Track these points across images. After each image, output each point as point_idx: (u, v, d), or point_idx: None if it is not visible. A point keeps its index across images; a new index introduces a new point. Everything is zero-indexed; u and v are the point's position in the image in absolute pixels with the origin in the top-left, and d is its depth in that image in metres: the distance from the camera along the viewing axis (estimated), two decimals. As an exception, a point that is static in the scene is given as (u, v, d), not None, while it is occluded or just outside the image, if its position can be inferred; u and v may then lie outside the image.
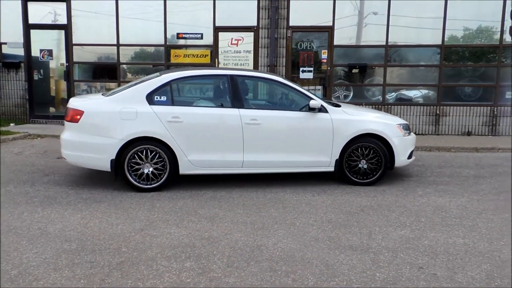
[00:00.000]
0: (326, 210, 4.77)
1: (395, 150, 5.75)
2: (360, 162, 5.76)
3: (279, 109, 5.83)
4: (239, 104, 5.54)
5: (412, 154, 6.12)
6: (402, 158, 5.86)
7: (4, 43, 10.85)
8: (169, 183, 5.49)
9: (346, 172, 5.78)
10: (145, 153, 5.33)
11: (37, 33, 10.81)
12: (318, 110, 5.62)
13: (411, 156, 6.08)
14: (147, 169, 5.36)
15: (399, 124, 5.91)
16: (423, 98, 10.41)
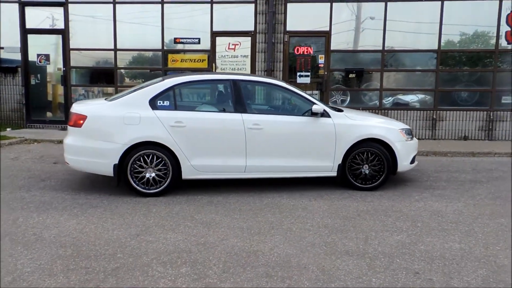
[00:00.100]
0: (323, 215, 4.77)
1: (398, 155, 5.74)
2: (363, 167, 5.76)
3: (282, 114, 5.85)
4: (242, 109, 5.54)
5: (415, 159, 6.12)
6: (405, 163, 5.86)
7: (1, 48, 10.83)
8: (172, 188, 5.48)
9: (349, 177, 5.77)
10: (149, 158, 5.32)
11: (34, 38, 10.79)
12: (321, 115, 5.62)
13: (414, 161, 6.08)
14: (150, 174, 5.35)
15: (402, 129, 5.91)
16: (420, 103, 10.44)
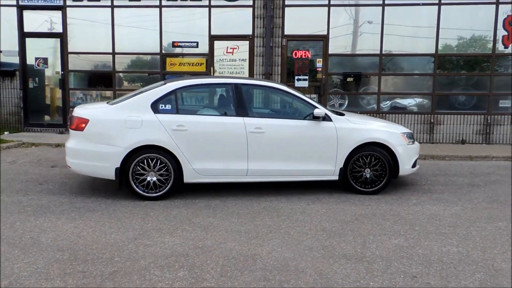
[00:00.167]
0: (321, 219, 4.77)
1: (400, 159, 5.74)
2: (365, 171, 5.76)
3: (283, 118, 5.83)
4: (244, 113, 5.55)
5: (416, 163, 6.12)
6: (407, 167, 5.86)
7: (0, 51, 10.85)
8: (174, 192, 5.48)
9: (350, 181, 5.77)
10: (151, 162, 5.32)
11: (33, 41, 10.80)
12: (322, 119, 5.63)
13: (416, 165, 6.08)
14: (152, 178, 5.35)
15: (403, 133, 5.92)
16: (418, 107, 10.47)
